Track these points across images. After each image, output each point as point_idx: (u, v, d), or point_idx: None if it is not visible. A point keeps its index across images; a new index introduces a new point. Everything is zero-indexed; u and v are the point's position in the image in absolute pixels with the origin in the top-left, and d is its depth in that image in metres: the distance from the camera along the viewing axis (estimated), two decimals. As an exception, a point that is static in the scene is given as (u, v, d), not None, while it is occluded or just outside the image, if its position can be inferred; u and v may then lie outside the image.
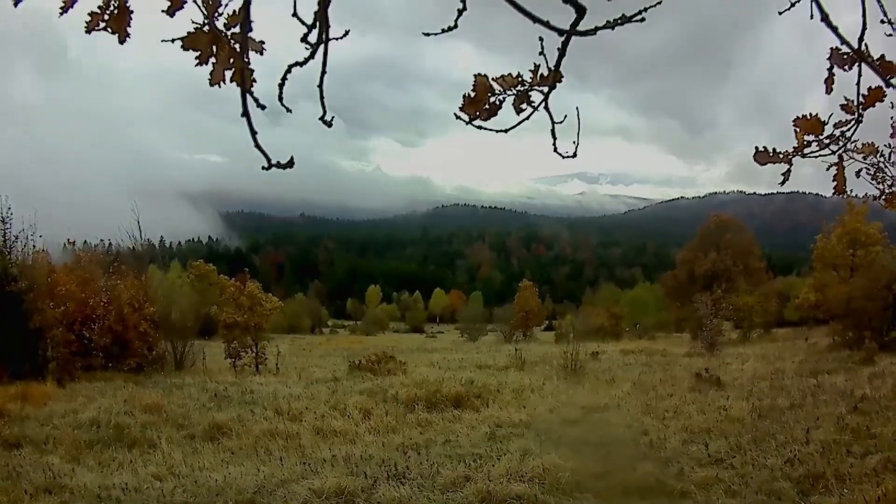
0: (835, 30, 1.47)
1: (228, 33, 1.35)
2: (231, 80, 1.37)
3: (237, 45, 1.35)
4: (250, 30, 1.36)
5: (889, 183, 4.34)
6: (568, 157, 1.55)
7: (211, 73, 1.36)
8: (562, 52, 1.41)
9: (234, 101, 1.37)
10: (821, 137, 1.68)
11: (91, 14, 1.32)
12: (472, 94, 1.49)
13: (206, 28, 1.34)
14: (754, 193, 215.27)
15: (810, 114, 1.67)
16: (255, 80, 1.38)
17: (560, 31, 1.36)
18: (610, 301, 45.74)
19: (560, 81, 1.45)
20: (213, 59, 1.37)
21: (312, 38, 1.38)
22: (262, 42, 1.38)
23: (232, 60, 1.35)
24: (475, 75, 1.49)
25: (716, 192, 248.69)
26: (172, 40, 1.33)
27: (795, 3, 1.52)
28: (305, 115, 1.66)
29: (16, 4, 1.36)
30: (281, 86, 1.42)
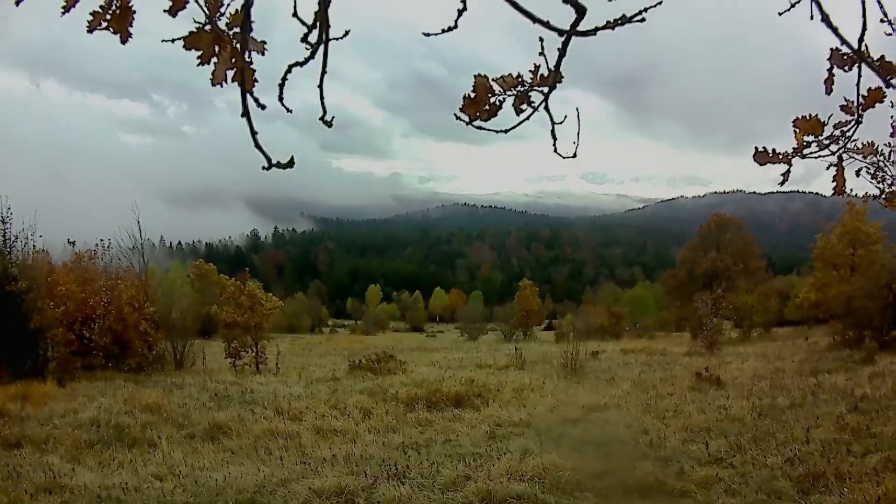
0: (835, 30, 1.47)
1: (231, 33, 1.35)
2: (233, 80, 1.37)
3: (238, 45, 1.35)
4: (251, 30, 1.36)
5: (889, 182, 4.34)
6: (568, 157, 1.55)
7: (213, 74, 1.36)
8: (562, 52, 1.41)
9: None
10: (820, 138, 1.68)
11: (93, 14, 1.32)
12: (472, 95, 1.49)
13: (207, 28, 1.33)
14: (754, 192, 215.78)
15: (810, 114, 1.67)
16: (256, 80, 1.38)
17: (560, 32, 1.36)
18: (610, 300, 45.88)
19: (560, 82, 1.45)
20: (214, 59, 1.37)
21: (312, 38, 1.38)
22: (264, 42, 1.38)
23: (234, 60, 1.35)
24: (475, 76, 1.49)
25: (716, 192, 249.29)
26: (173, 40, 1.33)
27: (795, 3, 1.52)
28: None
29: (17, 3, 1.36)
30: (281, 86, 1.42)
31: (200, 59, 1.35)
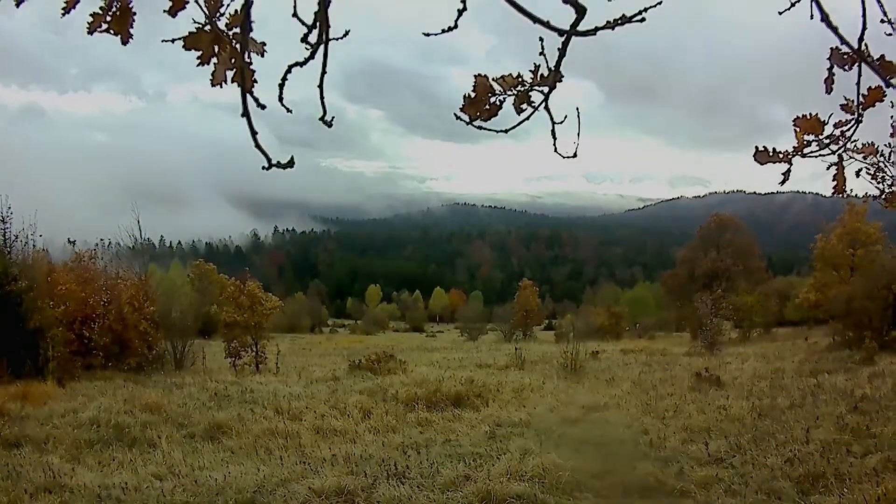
0: (835, 30, 1.47)
1: (230, 33, 1.35)
2: (232, 81, 1.37)
3: (238, 46, 1.35)
4: (251, 30, 1.36)
5: (889, 182, 4.33)
6: (568, 157, 1.55)
7: (213, 74, 1.36)
8: (562, 52, 1.41)
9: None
10: (821, 137, 1.68)
11: (93, 15, 1.32)
12: (473, 95, 1.49)
13: (207, 28, 1.33)
14: (754, 193, 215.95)
15: (810, 114, 1.67)
16: (255, 81, 1.38)
17: (560, 31, 1.37)
18: (610, 300, 45.87)
19: (560, 81, 1.46)
20: (214, 60, 1.37)
21: (312, 38, 1.38)
22: (264, 43, 1.38)
23: (233, 60, 1.35)
24: (475, 76, 1.49)
25: (716, 192, 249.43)
26: (173, 40, 1.33)
27: (795, 2, 1.52)
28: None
29: (17, 5, 1.36)
30: (281, 86, 1.42)
31: (200, 60, 1.35)
